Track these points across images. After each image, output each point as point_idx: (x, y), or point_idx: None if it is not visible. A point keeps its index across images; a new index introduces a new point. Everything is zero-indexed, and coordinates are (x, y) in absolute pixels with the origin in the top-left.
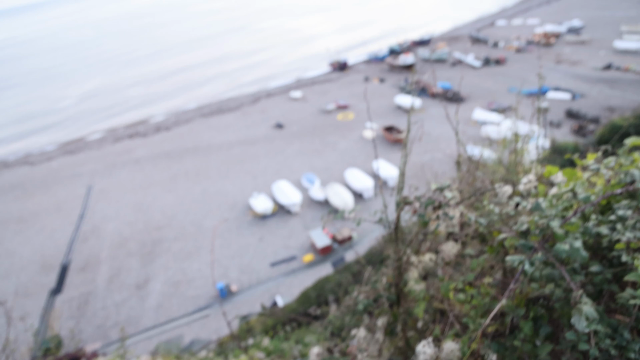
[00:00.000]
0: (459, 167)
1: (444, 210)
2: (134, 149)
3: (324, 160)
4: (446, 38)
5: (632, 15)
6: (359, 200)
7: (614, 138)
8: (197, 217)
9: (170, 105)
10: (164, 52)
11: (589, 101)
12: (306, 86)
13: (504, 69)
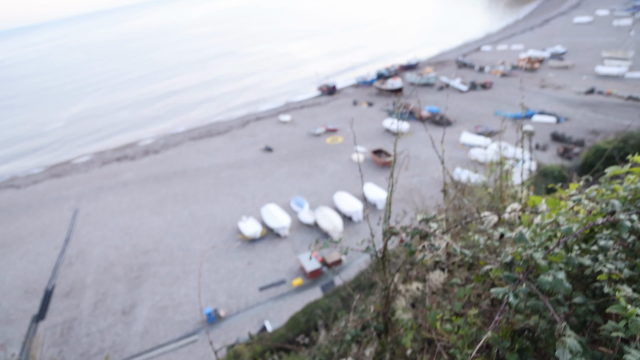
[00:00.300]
0: (445, 194)
1: (429, 241)
2: (122, 172)
3: (313, 183)
4: (433, 63)
5: (612, 41)
6: (349, 223)
7: (599, 162)
8: (185, 241)
9: (159, 128)
10: (154, 76)
11: (573, 124)
12: (295, 110)
13: (490, 93)
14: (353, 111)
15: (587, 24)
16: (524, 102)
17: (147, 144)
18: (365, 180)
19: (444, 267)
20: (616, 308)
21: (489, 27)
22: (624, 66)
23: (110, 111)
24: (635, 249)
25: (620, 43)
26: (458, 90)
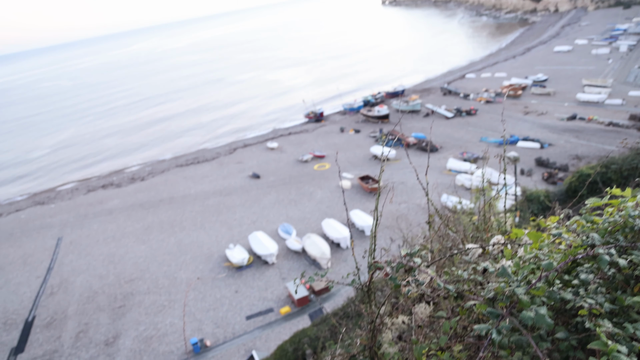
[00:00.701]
0: (430, 226)
1: (413, 276)
2: (107, 200)
3: (301, 210)
4: (419, 90)
5: (591, 69)
6: (337, 250)
7: (583, 187)
8: (170, 269)
9: (146, 155)
10: (141, 103)
11: (557, 150)
12: (283, 137)
13: (475, 120)
14: (340, 138)
15: (566, 52)
16: (508, 129)
17: (134, 170)
18: (352, 207)
19: (430, 299)
20: (597, 344)
21: (472, 56)
22: (603, 93)
23: (96, 138)
24: (616, 282)
25: (599, 71)
26: (444, 116)
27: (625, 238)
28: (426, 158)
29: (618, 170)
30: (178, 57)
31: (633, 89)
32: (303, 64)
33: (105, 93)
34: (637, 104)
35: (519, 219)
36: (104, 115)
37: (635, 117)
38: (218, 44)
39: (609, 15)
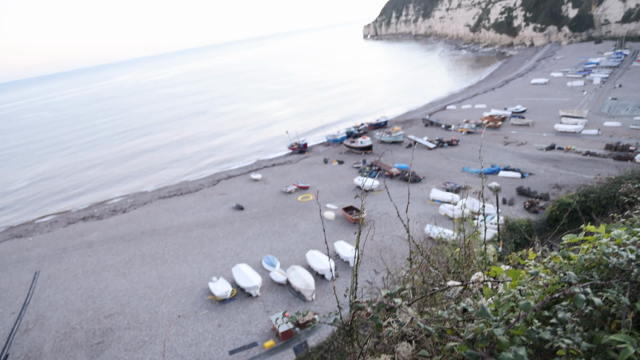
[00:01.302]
0: (411, 263)
1: (395, 317)
2: (88, 232)
3: (285, 241)
4: (401, 121)
5: (567, 100)
6: (321, 281)
7: (564, 216)
8: (152, 303)
9: (128, 187)
10: (124, 135)
11: (537, 179)
12: (266, 168)
13: (456, 150)
14: (324, 169)
15: (543, 84)
16: (489, 159)
17: (115, 202)
18: (337, 238)
19: (412, 338)
20: None
21: (453, 88)
22: (580, 124)
23: (77, 170)
24: (593, 319)
25: (575, 102)
26: (426, 147)
27: (600, 275)
28: (409, 188)
29: (597, 199)
30: (162, 89)
31: (607, 119)
32: (287, 96)
33: (88, 125)
34: (612, 134)
35: (502, 249)
36: (86, 147)
37: (610, 147)
38: (202, 76)
39: (581, 50)
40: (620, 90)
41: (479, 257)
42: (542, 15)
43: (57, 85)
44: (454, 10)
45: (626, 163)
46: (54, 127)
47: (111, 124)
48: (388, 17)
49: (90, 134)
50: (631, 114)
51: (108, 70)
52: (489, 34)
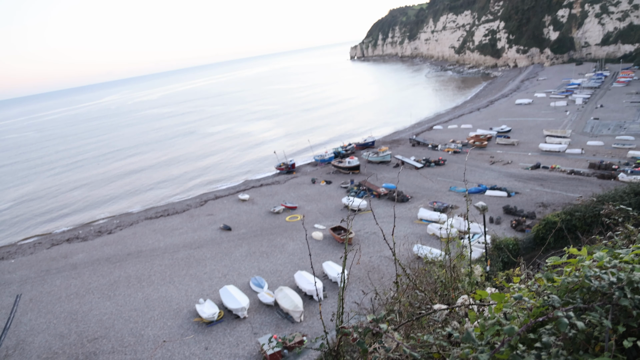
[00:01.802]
0: (398, 287)
1: (380, 343)
2: (72, 254)
3: (273, 262)
4: (388, 141)
5: (551, 120)
6: (310, 302)
7: (550, 235)
8: (137, 326)
9: (114, 209)
10: (111, 156)
11: (523, 198)
12: (254, 188)
13: (443, 170)
14: (312, 189)
15: (527, 105)
16: (475, 178)
17: (101, 223)
18: (325, 258)
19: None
20: None
21: (439, 108)
22: (564, 143)
23: (62, 191)
24: (577, 342)
25: (559, 122)
26: (413, 167)
27: (583, 298)
28: (397, 208)
29: (582, 217)
30: (149, 110)
31: (590, 139)
32: (274, 117)
33: (74, 145)
34: (595, 153)
35: (490, 268)
36: (72, 168)
37: (594, 166)
38: (189, 97)
39: (563, 71)
40: (602, 110)
41: (466, 278)
42: (525, 37)
43: (42, 105)
44: (439, 32)
45: (609, 182)
46: (39, 147)
47: (97, 145)
48: (375, 39)
49: (76, 155)
50: (613, 133)
51: (94, 90)
52: (474, 56)
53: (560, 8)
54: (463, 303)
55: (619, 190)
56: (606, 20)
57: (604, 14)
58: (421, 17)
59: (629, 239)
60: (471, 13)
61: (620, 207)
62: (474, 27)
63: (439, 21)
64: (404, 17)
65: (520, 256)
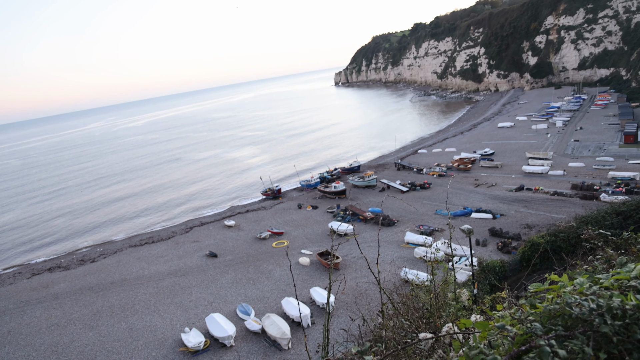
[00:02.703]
0: (383, 315)
1: None
2: (53, 284)
3: (259, 289)
4: (374, 166)
5: (533, 143)
6: (297, 329)
7: (535, 256)
8: (120, 357)
9: (97, 237)
10: (94, 183)
11: (508, 220)
12: (240, 214)
13: (429, 193)
14: (298, 214)
15: (509, 128)
16: (461, 201)
17: (84, 252)
18: (313, 284)
19: None
20: None
21: (424, 132)
22: (546, 165)
23: (44, 220)
24: None
25: (540, 145)
26: (399, 190)
27: (565, 325)
28: (384, 232)
29: (566, 238)
30: (134, 137)
31: (571, 160)
32: (260, 143)
33: (57, 173)
34: (576, 174)
35: (477, 291)
36: (54, 196)
37: (576, 187)
38: (175, 124)
39: (543, 95)
40: (582, 132)
41: (452, 303)
42: (505, 62)
43: (24, 132)
44: (422, 58)
45: (592, 202)
46: (20, 175)
47: (81, 172)
48: (358, 65)
49: (58, 183)
50: (593, 154)
51: (79, 117)
52: (456, 81)
53: (537, 34)
54: (448, 331)
55: (601, 211)
56: (582, 46)
57: (579, 40)
58: (404, 43)
59: (609, 263)
60: (452, 39)
61: (599, 231)
62: (455, 53)
63: (421, 47)
64: (386, 43)
65: (504, 281)
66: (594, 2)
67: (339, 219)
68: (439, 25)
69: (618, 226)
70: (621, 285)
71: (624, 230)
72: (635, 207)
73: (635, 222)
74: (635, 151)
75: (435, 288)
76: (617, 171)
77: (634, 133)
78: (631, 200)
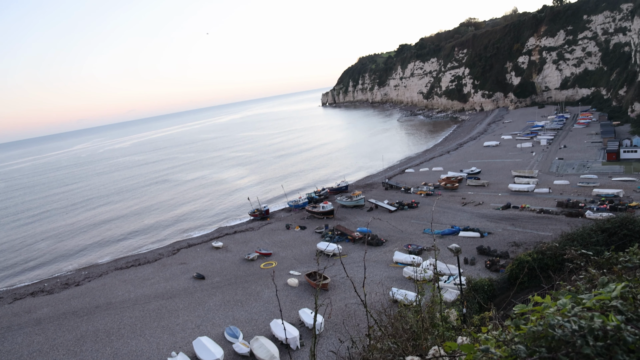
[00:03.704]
0: (370, 338)
1: None
2: (36, 308)
3: (248, 311)
4: (361, 185)
5: (518, 161)
6: (286, 351)
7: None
8: None
9: (83, 261)
10: (80, 205)
11: (496, 238)
12: (228, 235)
13: (417, 212)
14: (286, 235)
15: (495, 146)
16: (448, 219)
17: (68, 275)
18: (301, 305)
19: None
20: None
21: (411, 151)
22: (532, 183)
23: (28, 244)
24: None
25: (525, 163)
26: (387, 210)
27: (549, 347)
28: (372, 252)
29: (553, 255)
30: (121, 158)
31: (556, 178)
32: (248, 164)
33: (41, 195)
34: (562, 191)
35: (466, 310)
36: (39, 219)
37: (562, 204)
38: (162, 145)
39: (527, 114)
40: (566, 150)
41: (440, 323)
42: (489, 82)
43: (8, 154)
44: (408, 79)
45: (577, 219)
46: (4, 197)
47: (67, 194)
48: (345, 86)
49: (43, 205)
50: (577, 172)
51: (65, 139)
52: (442, 100)
53: (520, 55)
54: (434, 354)
55: (587, 228)
56: (563, 66)
57: (560, 60)
58: (390, 64)
59: (591, 283)
60: (437, 60)
61: (581, 251)
62: (440, 73)
63: (407, 68)
64: (373, 64)
65: (490, 301)
66: (574, 24)
67: (327, 239)
68: (424, 47)
69: (603, 243)
70: (603, 306)
71: (610, 246)
72: (619, 224)
73: (620, 239)
74: (617, 168)
75: (423, 309)
76: (601, 188)
77: (616, 151)
78: (615, 217)
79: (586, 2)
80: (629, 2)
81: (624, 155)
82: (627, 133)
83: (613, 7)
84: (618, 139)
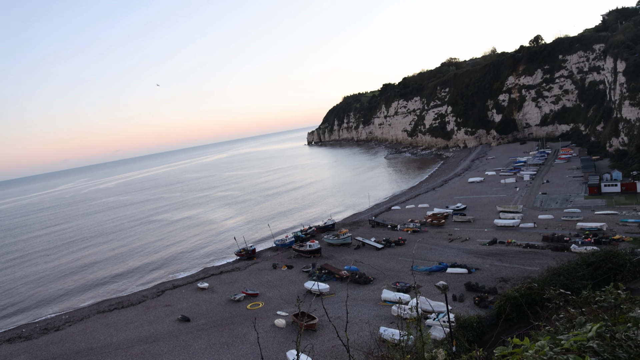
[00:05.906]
0: None
1: None
2: (12, 356)
3: (234, 354)
4: (348, 223)
5: (503, 197)
6: None
7: (511, 310)
8: None
9: (64, 305)
10: (63, 248)
11: (483, 274)
12: (214, 276)
13: (404, 249)
14: (273, 274)
15: (479, 182)
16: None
17: (48, 320)
18: (289, 347)
19: None
20: None
21: (397, 189)
22: (517, 218)
23: (6, 288)
24: None
25: (510, 198)
26: (374, 248)
27: None
28: (360, 290)
29: (540, 291)
30: (107, 198)
31: (541, 212)
32: (235, 204)
33: (23, 237)
34: (546, 226)
35: (456, 348)
36: (18, 262)
37: (547, 238)
38: (148, 185)
39: (509, 150)
40: (548, 185)
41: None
42: (472, 120)
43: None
44: (392, 117)
45: (563, 253)
46: None
47: (49, 237)
48: (331, 125)
49: (24, 248)
50: (560, 206)
51: (48, 179)
52: (426, 138)
53: (500, 93)
54: None
55: (572, 262)
56: (542, 104)
57: (539, 98)
58: (374, 103)
59: (570, 323)
60: (420, 99)
61: (560, 291)
62: (424, 111)
63: (390, 107)
64: (357, 103)
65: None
66: (550, 63)
67: (315, 279)
68: (407, 86)
69: (589, 277)
70: (580, 347)
71: (595, 280)
72: (603, 258)
73: (605, 272)
74: (599, 202)
75: (411, 349)
76: (585, 222)
77: (597, 185)
78: (600, 251)
79: (561, 43)
80: (601, 42)
81: (605, 189)
82: (607, 167)
83: (586, 48)
84: (598, 173)
